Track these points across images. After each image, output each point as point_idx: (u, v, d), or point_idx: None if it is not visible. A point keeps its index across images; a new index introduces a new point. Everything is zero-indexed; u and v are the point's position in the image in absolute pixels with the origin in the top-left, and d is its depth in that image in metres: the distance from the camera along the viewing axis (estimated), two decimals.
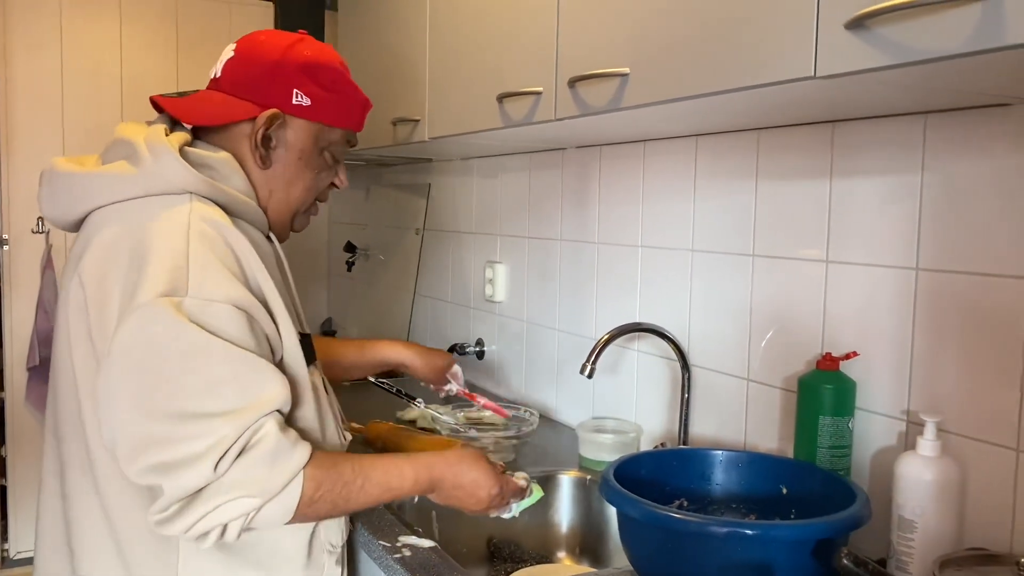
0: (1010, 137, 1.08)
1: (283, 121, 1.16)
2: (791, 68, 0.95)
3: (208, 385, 0.96)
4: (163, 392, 0.95)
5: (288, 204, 1.21)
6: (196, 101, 1.17)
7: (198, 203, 1.05)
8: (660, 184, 1.68)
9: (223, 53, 1.20)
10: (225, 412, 0.96)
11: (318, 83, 1.17)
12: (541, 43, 1.43)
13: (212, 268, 1.00)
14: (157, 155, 1.06)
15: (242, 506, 0.97)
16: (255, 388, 0.98)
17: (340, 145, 1.23)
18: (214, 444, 0.95)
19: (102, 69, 3.13)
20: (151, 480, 0.96)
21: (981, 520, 1.12)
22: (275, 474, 0.98)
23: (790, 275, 1.39)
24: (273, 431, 0.98)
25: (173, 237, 1.00)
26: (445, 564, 1.21)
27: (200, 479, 0.95)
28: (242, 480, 0.96)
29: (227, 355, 0.97)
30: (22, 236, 3.06)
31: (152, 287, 0.96)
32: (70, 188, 1.10)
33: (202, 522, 0.96)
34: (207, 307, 0.97)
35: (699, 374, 1.59)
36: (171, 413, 0.95)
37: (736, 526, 1.04)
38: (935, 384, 1.17)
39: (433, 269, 2.62)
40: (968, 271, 1.13)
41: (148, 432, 0.95)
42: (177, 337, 0.95)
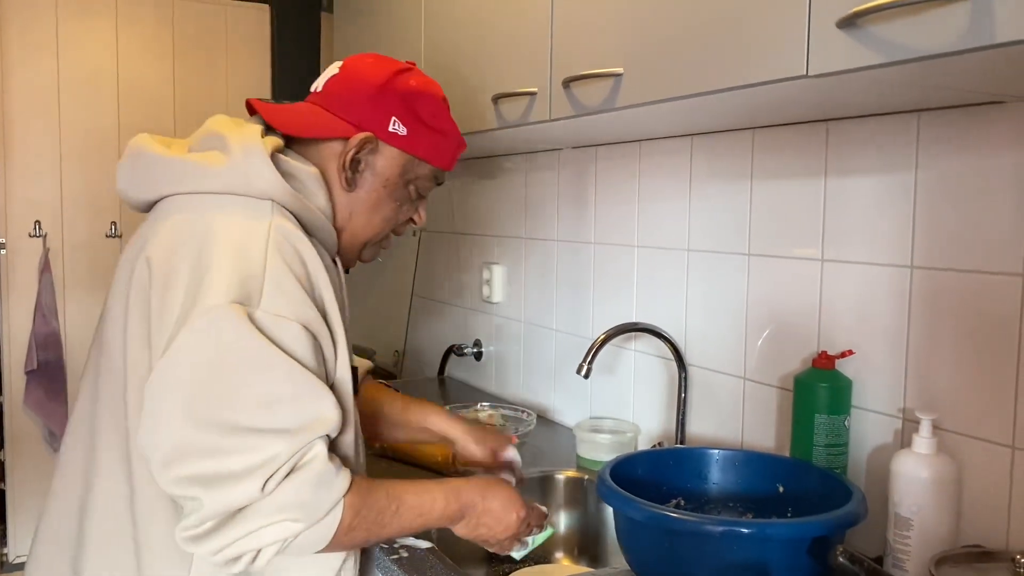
0: (1003, 134, 1.08)
1: (375, 146, 1.13)
2: (783, 67, 0.95)
3: (267, 401, 0.93)
4: (219, 400, 0.91)
5: (364, 231, 1.18)
6: (292, 111, 1.15)
7: (278, 215, 1.01)
8: (656, 184, 1.68)
9: (328, 69, 1.18)
10: (280, 430, 0.92)
11: (417, 115, 1.14)
12: (535, 44, 1.43)
13: (287, 284, 0.97)
14: (248, 155, 1.03)
15: (284, 530, 0.93)
16: (312, 410, 0.95)
17: (427, 181, 1.20)
18: (266, 461, 0.91)
19: (99, 72, 3.14)
20: (188, 491, 0.91)
21: (977, 517, 1.12)
22: (320, 499, 0.95)
23: (786, 274, 1.39)
24: (322, 455, 0.95)
25: (252, 245, 0.97)
26: (443, 566, 1.21)
27: (245, 497, 0.90)
28: (288, 503, 0.92)
29: (290, 373, 0.94)
30: (19, 240, 3.06)
31: (224, 291, 0.93)
32: (152, 169, 1.06)
33: (237, 544, 0.92)
34: (278, 323, 0.94)
35: (696, 373, 1.59)
36: (224, 423, 0.91)
37: (732, 525, 1.04)
38: (931, 382, 1.18)
39: (430, 270, 2.62)
40: (963, 269, 1.13)
41: (194, 439, 0.91)
42: (245, 346, 0.92)
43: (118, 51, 3.16)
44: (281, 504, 0.92)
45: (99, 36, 3.13)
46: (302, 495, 0.93)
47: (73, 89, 3.10)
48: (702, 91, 1.08)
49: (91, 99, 3.13)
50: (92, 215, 3.17)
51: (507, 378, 2.22)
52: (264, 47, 3.42)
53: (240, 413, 0.92)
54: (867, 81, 0.95)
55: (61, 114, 3.09)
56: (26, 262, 3.07)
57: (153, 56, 3.22)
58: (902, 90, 1.02)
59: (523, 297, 2.14)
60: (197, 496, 0.91)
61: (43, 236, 3.07)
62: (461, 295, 2.44)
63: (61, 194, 3.12)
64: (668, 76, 1.13)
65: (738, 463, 1.29)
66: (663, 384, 1.68)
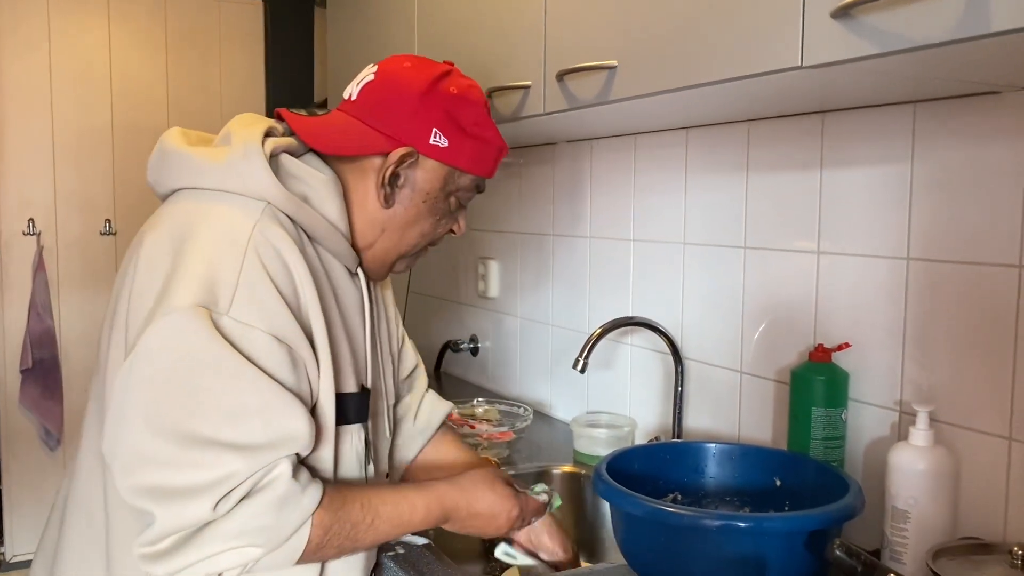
0: (1000, 125, 1.07)
1: (415, 160, 1.07)
2: (778, 58, 0.94)
3: (230, 412, 0.88)
4: (179, 409, 0.87)
5: (398, 247, 1.12)
6: (326, 126, 1.08)
7: (269, 218, 0.96)
8: (651, 177, 1.67)
9: (362, 73, 1.11)
10: (242, 446, 0.88)
11: (459, 125, 1.07)
12: (529, 37, 1.42)
13: (261, 291, 0.92)
14: (246, 155, 0.98)
15: (243, 556, 0.89)
16: (279, 425, 0.90)
17: (468, 191, 1.14)
18: (221, 479, 0.86)
19: (91, 69, 3.12)
20: (142, 503, 0.87)
21: (974, 509, 1.12)
22: (283, 522, 0.90)
23: (782, 267, 1.39)
24: (285, 474, 0.90)
25: (230, 248, 0.92)
26: (440, 562, 1.21)
27: (196, 516, 0.86)
28: (247, 528, 0.88)
29: (257, 384, 0.89)
30: (13, 238, 3.05)
31: (192, 293, 0.88)
32: (167, 162, 1.04)
33: (194, 568, 0.88)
34: (246, 332, 0.90)
35: (692, 367, 1.58)
36: (183, 433, 0.87)
37: (729, 519, 1.04)
38: (927, 374, 1.17)
39: (426, 266, 2.61)
40: (959, 260, 1.13)
41: (151, 448, 0.87)
42: (209, 352, 0.87)
43: (111, 47, 3.15)
44: (240, 528, 0.88)
45: (91, 32, 3.11)
46: (262, 519, 0.89)
47: (66, 86, 3.09)
48: (696, 83, 1.07)
49: (84, 96, 3.12)
50: (86, 213, 3.16)
51: (503, 373, 2.21)
52: (257, 42, 3.41)
53: (201, 423, 0.87)
54: (862, 72, 0.95)
55: (54, 111, 3.08)
56: (20, 260, 3.06)
57: (146, 52, 3.21)
58: (897, 81, 1.02)
59: (519, 292, 2.13)
60: (150, 510, 0.87)
61: (37, 234, 3.06)
62: (457, 291, 2.43)
63: (55, 192, 3.10)
64: (662, 68, 1.12)
65: (735, 457, 1.29)
66: (660, 378, 1.67)
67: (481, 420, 1.82)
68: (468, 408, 1.90)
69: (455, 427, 1.72)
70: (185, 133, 1.07)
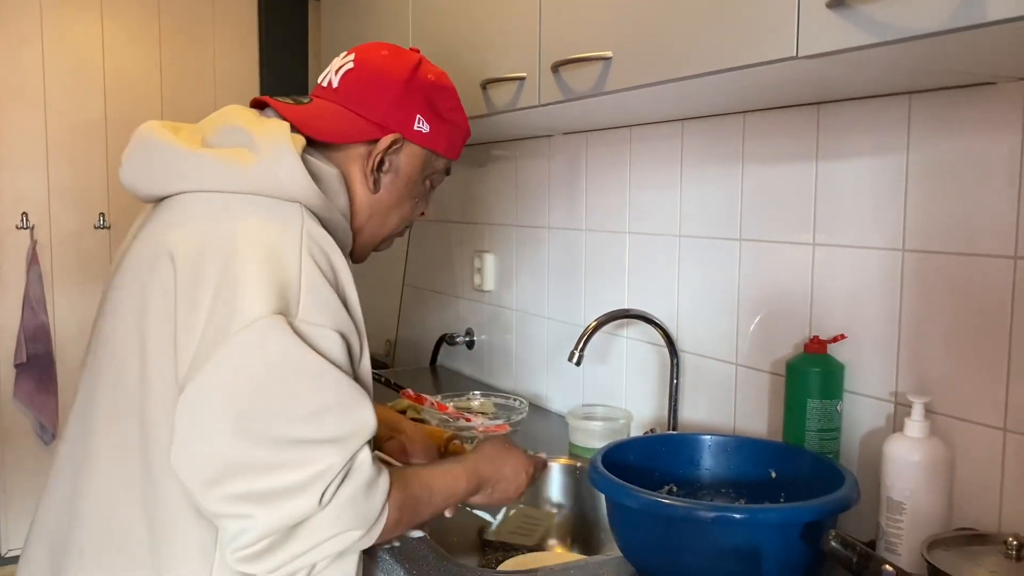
0: (995, 116, 1.07)
1: (401, 146, 1.11)
2: (773, 49, 0.94)
3: (314, 411, 0.91)
4: (271, 414, 0.89)
5: (383, 229, 1.17)
6: (315, 113, 1.09)
7: (308, 218, 0.98)
8: (647, 170, 1.67)
9: (337, 61, 1.14)
10: (330, 439, 0.91)
11: (437, 110, 1.13)
12: (524, 28, 1.42)
13: (323, 292, 0.94)
14: (279, 156, 0.99)
15: (345, 540, 0.92)
16: (356, 417, 0.94)
17: (440, 175, 1.20)
18: (321, 472, 0.89)
19: (84, 63, 3.11)
20: (239, 509, 0.88)
21: (969, 500, 1.12)
22: (371, 504, 0.94)
23: (777, 259, 1.39)
24: (367, 460, 0.94)
25: (286, 253, 0.94)
26: (435, 555, 1.21)
27: (302, 511, 0.88)
28: (345, 514, 0.91)
29: (336, 382, 0.92)
30: (7, 232, 3.04)
31: (264, 303, 0.89)
32: (168, 163, 1.01)
33: (298, 560, 0.90)
34: (318, 332, 0.92)
35: (688, 359, 1.58)
36: (277, 437, 0.88)
37: (724, 510, 1.04)
38: (923, 365, 1.17)
39: (421, 259, 2.61)
40: (954, 251, 1.13)
41: (246, 456, 0.88)
42: (293, 357, 0.90)
43: (104, 41, 3.13)
44: (339, 514, 0.91)
45: (85, 25, 3.09)
46: (358, 504, 0.93)
47: (59, 79, 3.07)
48: (692, 74, 1.07)
49: (77, 89, 3.10)
50: (80, 207, 3.14)
51: (499, 366, 2.21)
52: (252, 35, 3.40)
53: (292, 426, 0.89)
54: (858, 62, 0.94)
55: (47, 105, 3.06)
56: (14, 254, 3.05)
57: (139, 45, 3.19)
58: (893, 71, 1.02)
59: (515, 285, 2.13)
60: (250, 514, 0.88)
61: (31, 228, 3.05)
62: (453, 284, 2.43)
63: (48, 186, 3.09)
64: (657, 59, 1.12)
65: (730, 449, 1.29)
66: (655, 371, 1.67)
67: (477, 413, 1.82)
68: (464, 401, 1.90)
69: (451, 420, 1.72)
70: (168, 125, 1.05)
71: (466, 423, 1.71)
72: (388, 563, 1.20)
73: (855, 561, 0.94)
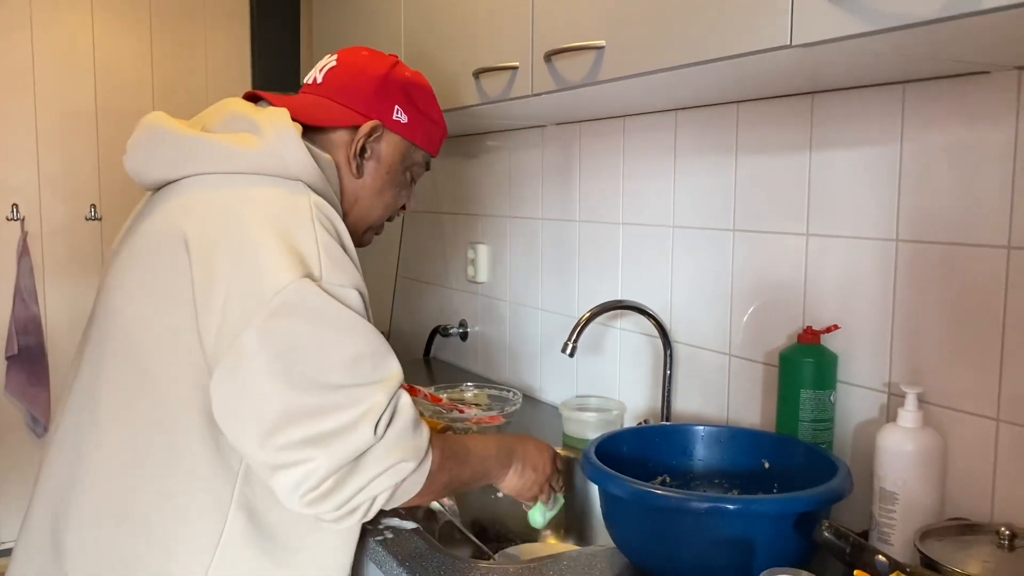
0: (989, 105, 1.07)
1: (381, 134, 1.20)
2: (767, 37, 0.94)
3: (353, 359, 0.98)
4: (317, 365, 0.96)
5: (368, 216, 1.24)
6: (304, 102, 1.19)
7: (312, 193, 1.07)
8: (640, 160, 1.66)
9: (322, 61, 1.24)
10: (372, 381, 0.99)
11: (415, 104, 1.22)
12: (517, 17, 1.41)
13: (337, 254, 1.02)
14: (282, 137, 1.07)
15: (399, 472, 1.00)
16: (387, 363, 1.02)
17: (420, 167, 1.27)
18: (370, 408, 0.97)
19: (75, 52, 3.08)
20: (300, 454, 0.94)
21: (962, 490, 1.12)
22: (419, 440, 1.03)
23: (771, 249, 1.38)
24: (408, 401, 1.03)
25: (299, 221, 1.01)
26: (428, 545, 1.21)
27: (362, 443, 0.96)
28: (399, 446, 0.99)
29: (367, 332, 1.01)
30: None
31: (289, 268, 0.96)
32: (175, 148, 1.08)
33: (358, 496, 0.97)
34: (342, 291, 1.00)
35: (681, 350, 1.58)
36: (322, 384, 0.96)
37: (717, 501, 1.04)
38: (916, 355, 1.17)
39: (415, 251, 2.60)
40: (948, 241, 1.12)
41: (297, 404, 0.95)
42: (331, 313, 0.97)
43: (94, 30, 3.11)
44: (392, 447, 0.99)
45: (74, 14, 3.07)
46: (408, 437, 1.01)
47: (49, 69, 3.05)
48: (685, 63, 1.06)
49: (67, 79, 3.08)
50: (71, 198, 3.12)
51: (493, 358, 2.21)
52: (243, 25, 3.37)
53: (335, 373, 0.97)
54: (852, 51, 0.94)
55: (37, 95, 3.04)
56: (4, 246, 3.03)
57: (130, 35, 3.17)
58: (887, 60, 1.01)
59: (508, 276, 2.12)
60: (312, 457, 0.94)
61: (21, 219, 3.03)
62: (446, 275, 2.42)
63: (39, 177, 3.07)
64: (651, 48, 1.11)
65: (723, 439, 1.29)
66: (649, 362, 1.67)
67: (470, 405, 1.82)
68: (457, 393, 1.90)
69: (444, 411, 1.72)
70: (173, 118, 1.11)
71: (460, 414, 1.70)
72: (382, 555, 1.20)
73: (848, 552, 0.94)
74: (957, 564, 0.92)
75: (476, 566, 1.15)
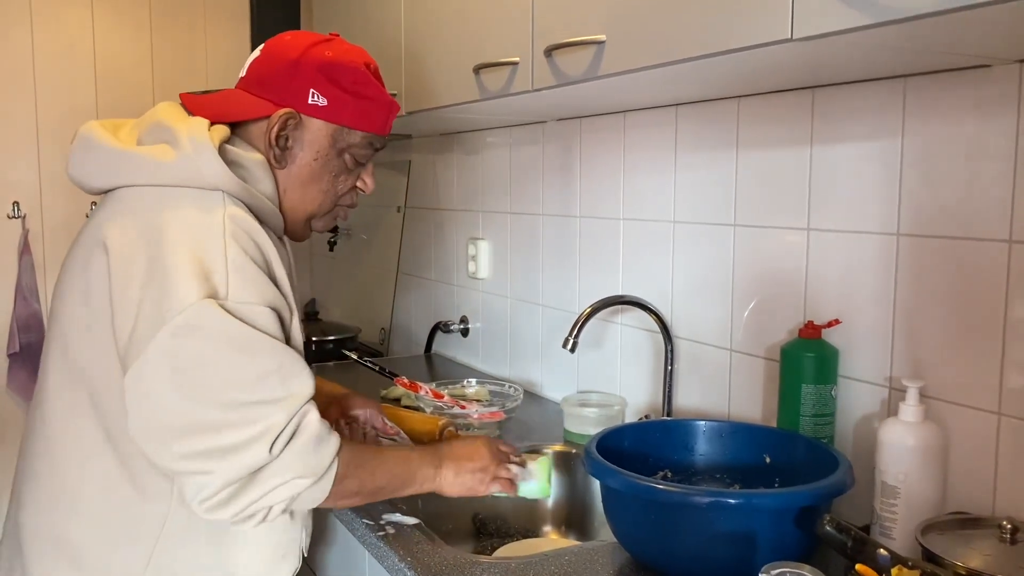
0: (991, 99, 1.07)
1: (299, 121, 1.15)
2: (767, 31, 0.93)
3: (257, 376, 1.00)
4: (215, 382, 0.98)
5: (303, 205, 1.20)
6: (217, 99, 1.18)
7: (231, 204, 1.06)
8: (641, 155, 1.66)
9: (252, 54, 1.21)
10: (273, 400, 1.00)
11: (337, 84, 1.15)
12: (517, 12, 1.40)
13: (248, 271, 1.02)
14: (197, 149, 1.06)
15: (294, 488, 1.02)
16: (295, 379, 1.03)
17: (363, 148, 1.20)
18: (268, 428, 0.99)
19: (74, 49, 3.07)
20: (196, 465, 0.98)
21: (963, 484, 1.12)
22: (321, 456, 1.04)
23: (772, 244, 1.38)
24: (316, 418, 1.04)
25: (210, 239, 1.01)
26: (429, 541, 1.21)
27: (257, 460, 0.98)
28: (295, 464, 1.01)
29: (272, 349, 1.01)
30: None
31: (195, 288, 0.97)
32: (104, 161, 1.10)
33: (254, 505, 1.00)
34: (249, 309, 1.01)
35: (682, 346, 1.58)
36: (223, 402, 0.98)
37: (719, 495, 1.04)
38: (917, 350, 1.17)
39: (415, 247, 2.60)
40: (949, 235, 1.12)
41: (197, 419, 0.98)
42: (230, 334, 0.98)
43: (94, 27, 3.10)
44: (289, 464, 1.01)
45: (74, 12, 3.06)
46: (306, 455, 1.02)
47: (49, 66, 3.04)
48: (686, 57, 1.06)
49: (68, 76, 3.07)
50: (72, 195, 3.11)
51: (494, 354, 2.21)
52: (243, 21, 3.37)
53: (237, 392, 0.99)
54: (853, 44, 0.94)
55: (37, 92, 3.03)
56: (5, 243, 3.02)
57: (130, 32, 3.17)
58: (889, 54, 1.01)
59: (509, 272, 2.12)
60: (210, 469, 0.98)
61: (22, 217, 3.03)
62: (447, 271, 2.42)
63: (39, 174, 3.07)
64: (651, 43, 1.11)
65: (724, 434, 1.29)
66: (650, 357, 1.67)
67: (471, 400, 1.82)
68: (458, 388, 1.90)
69: (445, 407, 1.72)
70: (107, 124, 1.13)
71: (461, 410, 1.70)
72: (382, 550, 1.20)
73: (850, 546, 0.94)
74: (959, 558, 0.92)
75: (477, 561, 1.15)
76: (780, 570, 0.81)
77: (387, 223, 2.76)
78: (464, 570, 1.12)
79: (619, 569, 1.12)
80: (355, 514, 1.30)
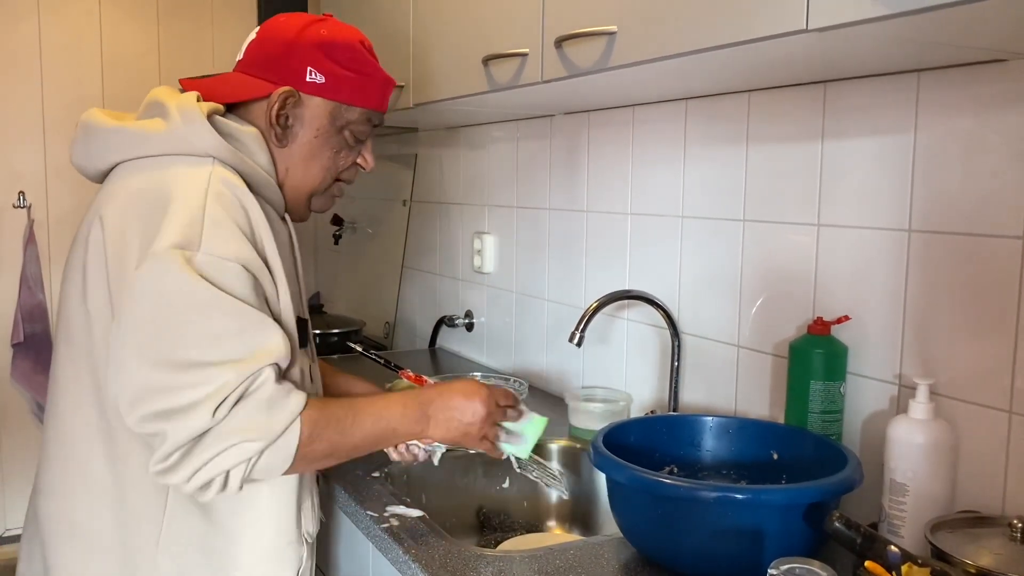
0: (1005, 94, 1.06)
1: (298, 99, 1.17)
2: (782, 22, 0.92)
3: (213, 336, 0.99)
4: (168, 342, 0.98)
5: (304, 183, 1.21)
6: (217, 81, 1.20)
7: (219, 167, 1.08)
8: (649, 150, 1.65)
9: (248, 36, 1.22)
10: (227, 361, 0.98)
11: (334, 61, 1.17)
12: (527, 2, 1.39)
13: (225, 227, 1.02)
14: (186, 118, 1.08)
15: (243, 451, 0.99)
16: (258, 340, 1.01)
17: (361, 125, 1.22)
18: (214, 391, 0.97)
19: (82, 39, 3.07)
20: (153, 428, 0.98)
21: (973, 483, 1.11)
22: (273, 419, 1.00)
23: (781, 240, 1.37)
24: (270, 380, 1.01)
25: (192, 194, 1.03)
26: (434, 534, 1.20)
27: (200, 424, 0.97)
28: (242, 426, 0.99)
29: (233, 309, 1.00)
30: (3, 211, 3.01)
31: (166, 239, 0.98)
32: (102, 140, 1.13)
33: (204, 470, 0.98)
34: (218, 263, 1.00)
35: (689, 341, 1.57)
36: (175, 362, 0.97)
37: (727, 491, 1.03)
38: (928, 347, 1.16)
39: (421, 241, 2.59)
40: (962, 232, 1.11)
41: (152, 380, 0.97)
42: (184, 290, 0.98)
43: (101, 17, 3.10)
44: (234, 428, 0.98)
45: (81, 2, 3.06)
46: (255, 417, 0.99)
47: (56, 56, 3.04)
48: (698, 48, 1.05)
49: (74, 67, 3.07)
50: (77, 185, 3.11)
51: (499, 348, 2.20)
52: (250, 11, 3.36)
53: (189, 351, 0.98)
54: (868, 36, 0.93)
55: (44, 83, 3.03)
56: (10, 233, 3.02)
57: (137, 22, 3.16)
58: (903, 47, 1.00)
59: (515, 267, 2.11)
60: (162, 431, 0.97)
61: (27, 207, 3.03)
62: (452, 265, 2.41)
63: (45, 164, 3.07)
64: (663, 34, 1.10)
65: (732, 430, 1.28)
66: (656, 352, 1.66)
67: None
68: None
69: None
70: (108, 112, 1.15)
71: None
72: (386, 542, 1.19)
73: (859, 542, 0.93)
74: (968, 556, 0.92)
75: (482, 555, 1.14)
76: (790, 566, 0.81)
77: (393, 217, 2.75)
78: (468, 563, 1.11)
79: (624, 564, 1.11)
80: (358, 505, 1.30)
